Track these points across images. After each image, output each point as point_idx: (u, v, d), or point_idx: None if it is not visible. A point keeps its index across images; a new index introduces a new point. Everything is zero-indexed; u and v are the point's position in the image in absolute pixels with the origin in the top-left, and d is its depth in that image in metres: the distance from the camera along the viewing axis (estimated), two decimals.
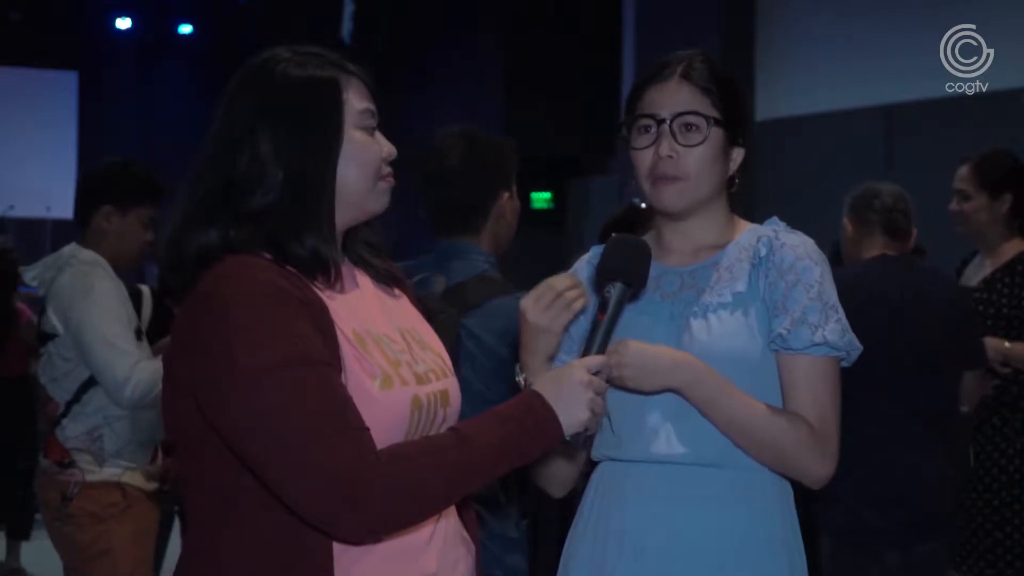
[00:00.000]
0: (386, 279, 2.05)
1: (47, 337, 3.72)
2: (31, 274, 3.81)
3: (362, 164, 1.91)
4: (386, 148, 1.96)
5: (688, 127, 2.16)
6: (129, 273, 3.99)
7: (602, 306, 2.02)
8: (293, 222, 1.85)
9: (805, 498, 3.86)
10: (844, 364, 2.20)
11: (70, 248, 3.78)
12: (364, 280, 2.00)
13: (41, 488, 3.73)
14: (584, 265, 2.30)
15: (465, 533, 2.01)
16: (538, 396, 1.87)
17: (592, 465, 2.26)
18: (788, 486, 2.19)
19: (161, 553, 5.45)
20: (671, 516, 2.11)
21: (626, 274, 2.04)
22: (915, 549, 3.75)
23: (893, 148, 9.14)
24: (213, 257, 1.84)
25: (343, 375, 1.81)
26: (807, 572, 2.20)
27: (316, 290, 1.85)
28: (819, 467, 2.14)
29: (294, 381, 1.74)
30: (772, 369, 2.15)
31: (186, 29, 17.74)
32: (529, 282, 2.20)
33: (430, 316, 2.15)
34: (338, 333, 1.83)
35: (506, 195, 3.20)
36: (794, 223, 2.26)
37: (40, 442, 3.82)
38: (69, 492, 3.62)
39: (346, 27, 14.57)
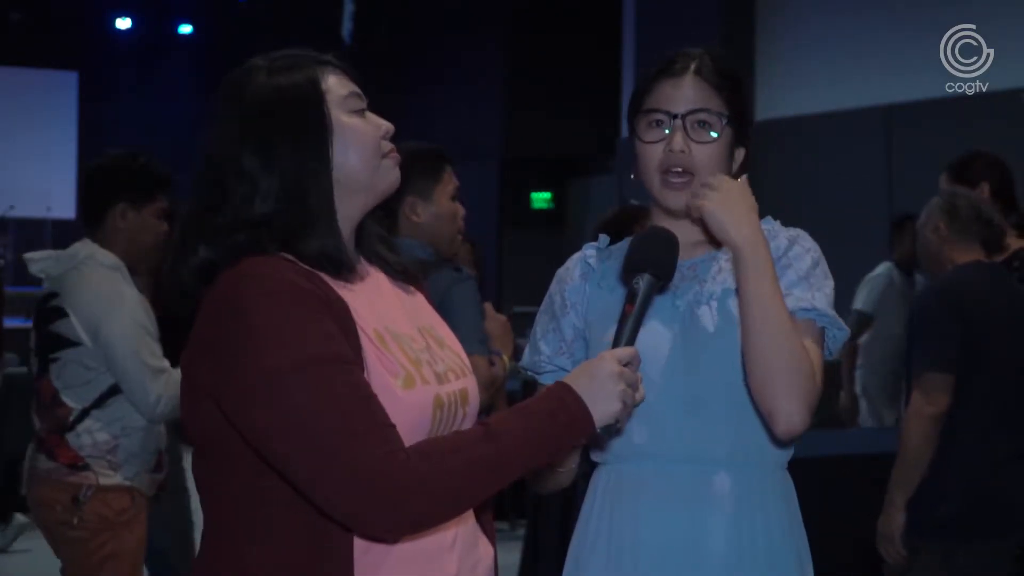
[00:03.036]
0: (401, 275, 2.02)
1: (64, 343, 3.67)
2: (37, 266, 3.73)
3: (360, 147, 1.89)
4: (383, 126, 1.93)
5: (702, 124, 2.17)
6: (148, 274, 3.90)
7: (630, 298, 2.00)
8: (297, 225, 1.84)
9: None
10: (829, 353, 2.18)
11: (86, 248, 3.69)
12: (380, 277, 1.98)
13: (48, 490, 3.67)
14: (576, 263, 2.30)
15: (482, 535, 1.99)
16: (569, 389, 1.84)
17: (590, 465, 2.24)
18: (791, 482, 2.20)
19: (188, 554, 5.42)
20: (683, 520, 2.11)
21: (654, 266, 2.03)
22: (990, 545, 3.74)
23: (893, 148, 9.13)
24: (220, 267, 1.82)
25: (366, 374, 1.78)
26: (812, 565, 2.20)
27: (336, 289, 1.83)
28: (797, 407, 2.04)
29: (320, 379, 1.72)
30: None
31: (186, 29, 17.77)
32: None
33: None
34: (360, 332, 1.81)
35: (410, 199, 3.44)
36: (793, 222, 2.27)
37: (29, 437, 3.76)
38: (82, 495, 3.59)
39: (346, 27, 14.58)
